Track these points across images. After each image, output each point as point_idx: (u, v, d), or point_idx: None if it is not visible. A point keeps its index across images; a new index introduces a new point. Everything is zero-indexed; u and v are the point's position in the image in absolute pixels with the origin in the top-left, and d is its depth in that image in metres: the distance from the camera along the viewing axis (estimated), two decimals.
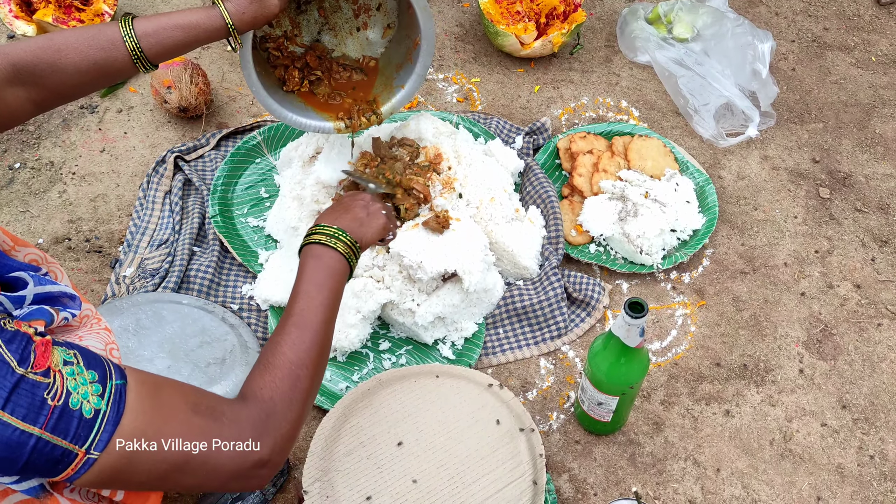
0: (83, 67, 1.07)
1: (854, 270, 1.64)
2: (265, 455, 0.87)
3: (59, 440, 0.74)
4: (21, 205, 1.68)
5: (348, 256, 1.07)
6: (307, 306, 0.99)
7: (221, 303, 1.54)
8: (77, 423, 0.75)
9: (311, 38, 1.52)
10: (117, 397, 0.78)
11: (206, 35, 1.17)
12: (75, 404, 0.75)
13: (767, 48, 1.92)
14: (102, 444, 0.76)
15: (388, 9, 1.52)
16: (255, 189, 1.71)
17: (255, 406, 0.88)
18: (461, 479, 1.22)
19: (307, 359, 0.95)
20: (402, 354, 1.49)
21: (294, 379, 0.92)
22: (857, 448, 1.39)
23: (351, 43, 1.55)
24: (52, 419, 0.74)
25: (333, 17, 1.52)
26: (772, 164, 1.84)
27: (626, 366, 1.22)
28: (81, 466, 0.76)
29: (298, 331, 0.97)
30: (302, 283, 1.02)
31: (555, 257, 1.58)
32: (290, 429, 0.90)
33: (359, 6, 1.51)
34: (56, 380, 0.75)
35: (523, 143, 1.79)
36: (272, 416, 0.89)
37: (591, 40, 2.11)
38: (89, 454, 0.76)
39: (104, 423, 0.77)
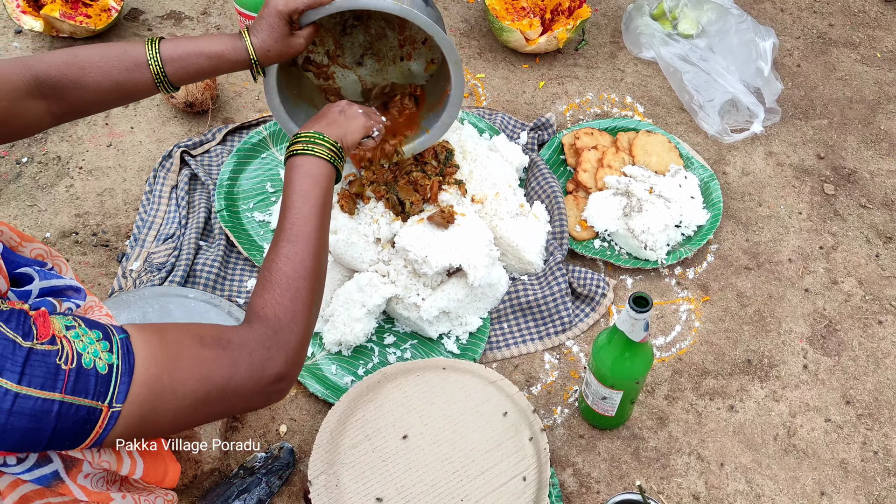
0: (105, 86, 1.09)
1: (858, 267, 1.65)
2: (280, 368, 0.89)
3: (81, 399, 0.76)
4: (28, 199, 1.69)
5: (331, 158, 1.07)
6: (296, 219, 1.00)
7: (227, 297, 1.55)
8: (94, 380, 0.77)
9: (354, 59, 1.52)
10: (125, 349, 0.80)
11: (229, 66, 1.18)
12: (88, 363, 0.77)
13: (769, 45, 1.92)
14: (122, 396, 0.78)
15: (434, 44, 1.50)
16: (260, 184, 1.71)
17: (261, 325, 0.91)
18: (466, 473, 1.23)
19: (303, 270, 0.96)
20: (406, 349, 1.50)
21: (294, 292, 0.94)
22: (861, 443, 1.40)
23: (393, 71, 1.55)
24: (70, 381, 0.75)
25: (378, 44, 1.51)
26: (776, 160, 1.84)
27: (631, 360, 1.23)
28: (108, 422, 0.78)
29: (290, 244, 0.98)
30: (288, 196, 1.03)
31: (559, 252, 1.59)
32: (298, 340, 0.93)
33: (404, 37, 1.51)
34: (63, 345, 0.77)
35: (528, 139, 1.79)
36: (279, 331, 0.91)
37: (596, 36, 2.11)
38: (112, 407, 0.78)
39: (120, 375, 0.78)
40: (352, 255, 1.48)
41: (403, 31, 1.50)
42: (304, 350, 0.95)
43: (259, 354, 0.89)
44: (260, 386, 0.88)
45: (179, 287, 1.51)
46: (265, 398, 0.90)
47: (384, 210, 1.50)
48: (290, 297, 0.94)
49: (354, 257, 1.47)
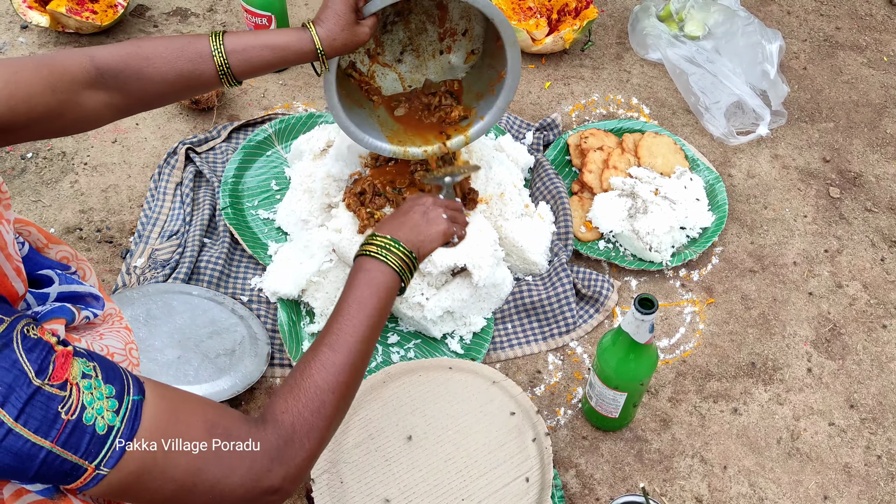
0: (169, 78, 1.07)
1: (863, 270, 1.64)
2: (276, 483, 0.85)
3: (70, 455, 0.73)
4: (33, 194, 1.69)
5: (400, 270, 1.02)
6: (344, 326, 0.95)
7: (231, 294, 1.55)
8: (89, 438, 0.74)
9: (394, 57, 1.50)
10: (133, 414, 0.77)
11: (294, 57, 1.14)
12: (89, 419, 0.74)
13: (776, 48, 1.92)
14: (113, 461, 0.75)
15: (473, 35, 1.50)
16: (265, 181, 1.71)
17: (274, 432, 0.86)
18: (469, 473, 1.23)
19: (335, 383, 0.91)
20: (410, 348, 1.50)
21: (319, 404, 0.89)
22: (865, 448, 1.39)
23: (433, 66, 1.53)
24: (65, 433, 0.73)
25: (418, 39, 1.49)
26: (782, 162, 1.83)
27: (635, 362, 1.23)
28: (90, 481, 0.75)
29: (331, 352, 0.93)
30: (344, 299, 0.98)
31: (564, 253, 1.58)
32: (306, 457, 0.88)
33: (445, 30, 1.49)
34: (72, 393, 0.74)
35: (533, 139, 1.79)
36: (290, 443, 0.86)
37: (603, 37, 2.11)
38: (98, 470, 0.75)
39: (116, 439, 0.75)
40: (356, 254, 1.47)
41: (444, 24, 1.48)
42: (309, 466, 0.89)
43: (260, 464, 0.84)
44: (250, 494, 0.84)
45: (183, 284, 1.51)
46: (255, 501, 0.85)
47: (389, 209, 1.50)
48: (313, 410, 0.89)
49: None
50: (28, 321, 0.76)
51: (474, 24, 1.49)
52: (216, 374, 1.36)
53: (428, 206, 1.15)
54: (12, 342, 0.73)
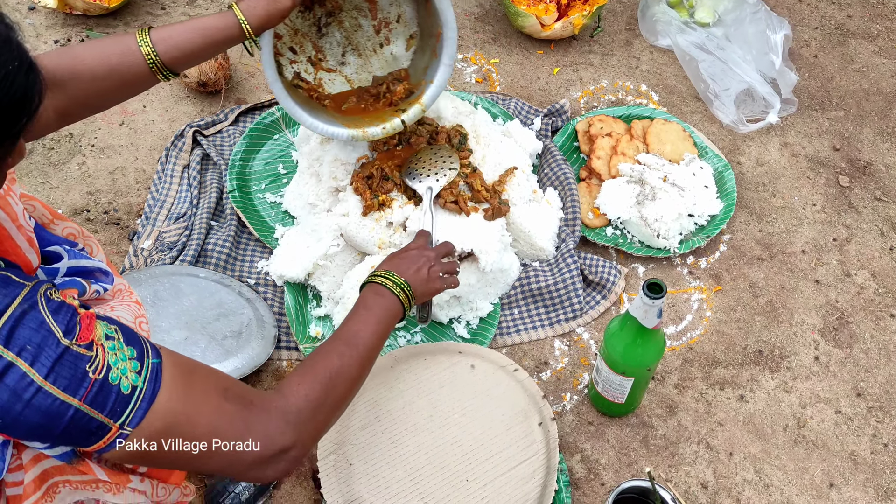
0: (100, 73, 1.08)
1: (872, 259, 1.64)
2: (289, 444, 0.89)
3: (96, 413, 0.75)
4: (41, 176, 1.69)
5: (406, 306, 1.15)
6: (362, 329, 1.05)
7: (238, 277, 1.55)
8: (115, 397, 0.77)
9: (337, 60, 1.50)
10: (153, 375, 0.80)
11: (221, 35, 1.16)
12: (114, 379, 0.77)
13: (780, 38, 1.91)
14: (136, 421, 0.78)
15: (407, 19, 1.50)
16: (272, 165, 1.71)
17: (287, 399, 0.91)
18: (475, 456, 1.23)
19: (347, 372, 0.99)
20: (417, 332, 1.49)
21: (331, 386, 0.96)
22: (871, 436, 1.39)
23: (377, 62, 1.53)
24: (92, 392, 0.75)
25: (355, 37, 1.50)
26: (791, 150, 1.82)
27: (643, 347, 1.23)
28: (113, 440, 0.78)
29: (346, 346, 1.02)
30: (359, 308, 1.09)
31: (571, 239, 1.58)
32: (315, 428, 0.94)
33: (378, 21, 1.49)
34: (98, 353, 0.77)
35: (542, 125, 1.78)
36: (301, 412, 0.91)
37: (612, 23, 2.10)
38: (122, 429, 0.78)
39: (140, 401, 0.78)
40: (363, 238, 1.47)
41: (376, 15, 1.48)
42: (315, 440, 0.96)
43: (275, 424, 0.89)
44: (266, 455, 0.88)
45: (190, 266, 1.51)
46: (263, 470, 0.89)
47: (397, 193, 1.50)
48: (326, 389, 0.95)
49: (366, 240, 1.47)
50: (49, 285, 0.78)
51: (404, 6, 1.48)
52: (223, 356, 1.36)
53: (432, 261, 1.24)
54: (37, 304, 0.75)
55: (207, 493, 1.28)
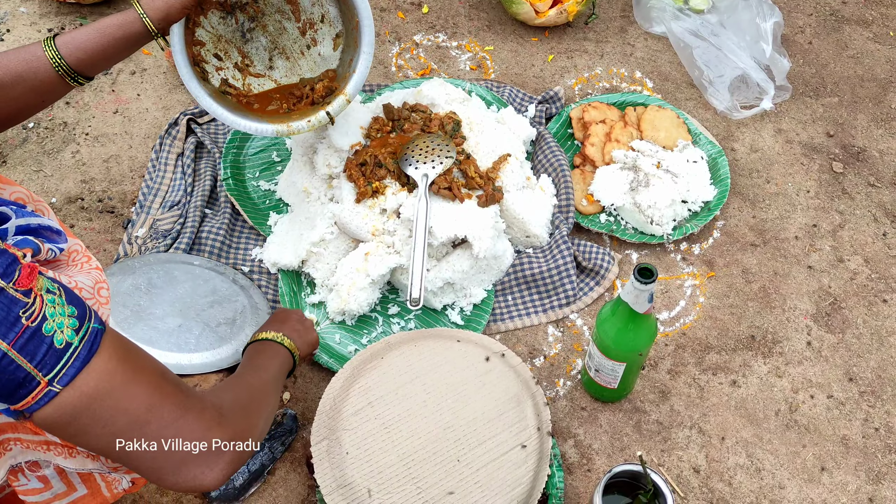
0: (7, 81, 1.07)
1: (865, 245, 1.64)
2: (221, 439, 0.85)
3: (24, 362, 0.73)
4: (34, 164, 1.69)
5: (294, 357, 1.20)
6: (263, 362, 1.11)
7: (232, 265, 1.55)
8: (46, 349, 0.74)
9: (265, 65, 1.50)
10: (92, 338, 0.78)
11: (122, 33, 1.15)
12: (48, 330, 0.74)
13: (770, 25, 1.90)
14: (67, 379, 0.75)
15: (331, 18, 1.50)
16: (266, 153, 1.71)
17: (217, 399, 0.92)
18: (467, 441, 1.24)
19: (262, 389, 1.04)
20: (410, 319, 1.50)
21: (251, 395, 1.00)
22: (863, 420, 1.40)
23: (305, 64, 1.53)
24: (22, 338, 0.73)
25: (281, 40, 1.50)
26: (785, 137, 1.82)
27: (634, 332, 1.23)
28: (42, 397, 0.75)
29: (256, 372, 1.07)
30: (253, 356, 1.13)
31: (565, 226, 1.58)
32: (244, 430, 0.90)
33: (303, 23, 1.49)
34: (35, 302, 0.75)
35: (536, 112, 1.78)
36: (232, 409, 0.92)
37: (607, 10, 2.10)
38: (51, 385, 0.75)
39: (73, 359, 0.76)
40: (357, 225, 1.47)
41: (299, 17, 1.48)
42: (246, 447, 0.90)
43: (210, 413, 0.86)
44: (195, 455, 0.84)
45: (185, 254, 1.52)
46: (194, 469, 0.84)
47: (390, 181, 1.50)
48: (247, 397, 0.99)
49: (360, 227, 1.47)
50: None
51: (327, 6, 1.49)
52: (217, 343, 1.36)
53: (301, 316, 1.30)
54: None
55: None
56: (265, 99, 1.49)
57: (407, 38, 2.00)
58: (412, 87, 1.70)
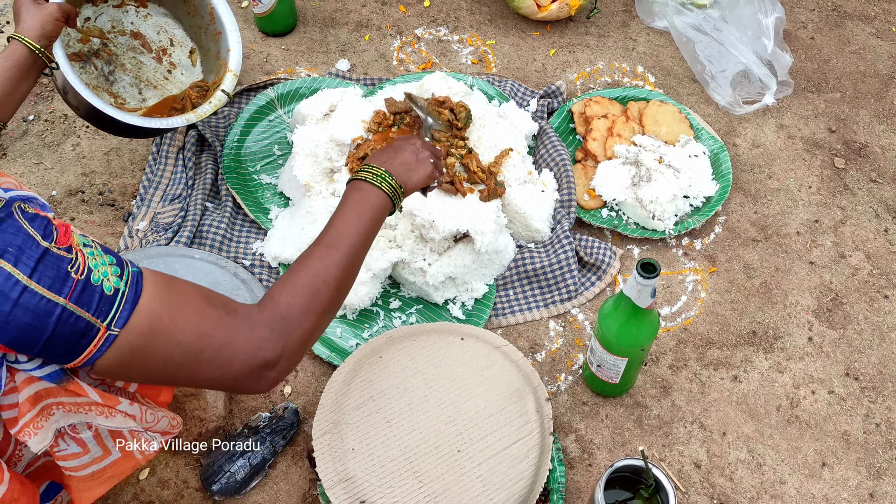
0: None
1: (866, 241, 1.64)
2: (275, 355, 0.89)
3: (83, 312, 0.78)
4: (35, 157, 1.69)
5: (392, 195, 1.09)
6: (341, 229, 1.01)
7: (233, 258, 1.55)
8: (99, 297, 0.79)
9: (137, 100, 1.56)
10: (135, 280, 0.83)
11: (10, 63, 1.21)
12: (97, 280, 0.79)
13: (772, 21, 1.90)
14: (122, 321, 0.80)
15: (179, 39, 1.59)
16: (268, 146, 1.71)
17: (270, 308, 0.91)
18: (469, 436, 1.24)
19: (331, 275, 0.96)
20: (412, 313, 1.50)
21: (314, 291, 0.94)
22: (864, 416, 1.40)
23: (173, 87, 1.59)
24: (77, 291, 0.77)
25: (142, 73, 1.56)
26: (787, 132, 1.82)
27: (636, 327, 1.23)
28: (103, 343, 0.80)
29: (327, 249, 0.98)
30: (340, 209, 1.04)
31: (567, 221, 1.58)
32: (301, 336, 0.92)
33: (156, 52, 1.57)
34: (78, 257, 0.79)
35: (538, 107, 1.78)
36: (286, 320, 0.91)
37: (609, 5, 2.09)
38: (110, 330, 0.79)
39: (124, 301, 0.81)
40: None
41: (150, 48, 1.56)
42: (303, 349, 0.94)
43: (260, 332, 0.89)
44: (251, 365, 0.88)
45: (185, 247, 1.51)
46: (252, 381, 0.89)
47: None
48: (309, 294, 0.94)
49: None
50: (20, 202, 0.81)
51: (171, 30, 1.59)
52: None
53: (418, 147, 1.19)
54: (13, 214, 0.78)
55: (203, 472, 1.28)
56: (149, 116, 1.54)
57: (408, 32, 1.99)
58: (414, 81, 1.70)
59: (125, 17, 1.55)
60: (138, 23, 1.57)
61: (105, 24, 1.53)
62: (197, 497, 1.28)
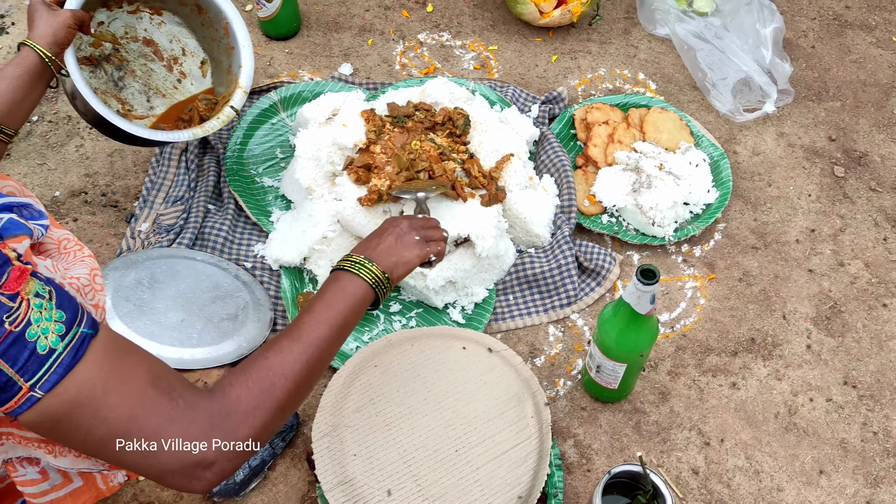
0: None
1: (865, 249, 1.65)
2: (211, 456, 0.81)
3: (6, 367, 0.73)
4: (38, 157, 1.69)
5: (374, 284, 1.04)
6: (308, 321, 0.96)
7: (235, 260, 1.55)
8: (28, 355, 0.74)
9: (145, 107, 1.56)
10: (78, 344, 0.77)
11: (21, 70, 1.21)
12: (32, 336, 0.74)
13: (770, 31, 1.91)
14: (49, 385, 0.75)
15: (192, 49, 1.60)
16: (270, 149, 1.71)
17: (218, 400, 0.84)
18: (468, 440, 1.24)
19: (289, 369, 0.90)
20: (412, 317, 1.50)
21: (269, 384, 0.87)
22: (862, 424, 1.40)
23: (181, 96, 1.60)
24: (5, 343, 0.72)
25: (152, 81, 1.57)
26: (787, 140, 1.83)
27: (636, 333, 1.23)
28: (23, 402, 0.74)
29: (289, 341, 0.93)
30: (313, 301, 1.00)
31: (567, 226, 1.59)
32: (248, 433, 0.84)
33: (167, 61, 1.57)
34: (21, 306, 0.74)
35: (539, 112, 1.78)
36: (232, 414, 0.84)
37: (611, 11, 2.10)
38: (33, 391, 0.74)
39: (56, 365, 0.75)
40: (360, 223, 1.48)
41: (162, 57, 1.56)
42: (250, 448, 0.85)
43: (199, 428, 0.81)
44: (183, 462, 0.80)
45: (188, 249, 1.52)
46: (183, 478, 0.82)
47: None
48: (262, 388, 0.87)
49: (363, 225, 1.48)
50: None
51: (185, 40, 1.59)
52: (219, 338, 1.37)
53: (403, 229, 1.15)
54: None
55: None
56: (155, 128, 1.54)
57: (411, 37, 2.00)
58: (416, 86, 1.70)
59: (139, 24, 1.56)
60: (152, 30, 1.57)
61: (118, 29, 1.54)
62: (196, 498, 1.28)
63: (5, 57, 1.88)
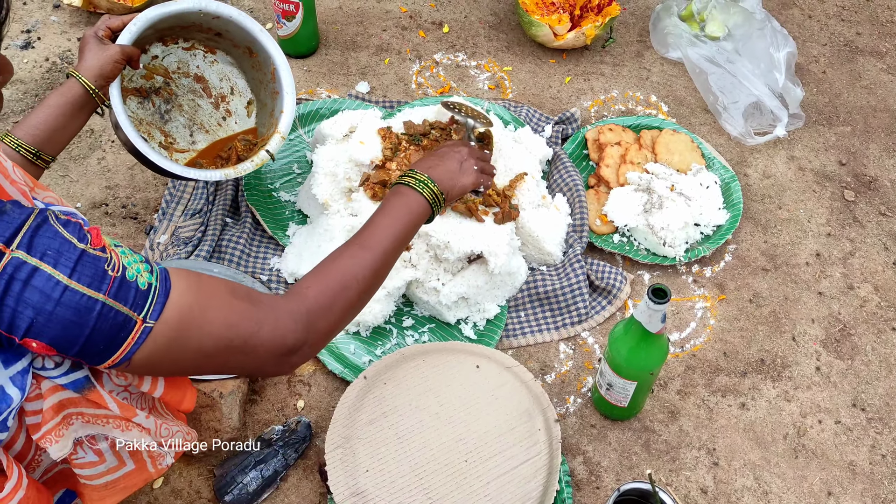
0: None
1: (875, 273, 1.66)
2: (298, 343, 0.95)
3: (121, 306, 0.82)
4: (61, 169, 1.73)
5: (432, 202, 1.14)
6: (378, 231, 1.07)
7: (251, 273, 1.58)
8: (134, 292, 0.83)
9: (187, 141, 1.60)
10: (164, 276, 0.88)
11: (65, 100, 1.26)
12: (131, 276, 0.84)
13: (783, 56, 1.93)
14: (157, 313, 0.85)
15: (240, 89, 1.63)
16: (288, 164, 1.74)
17: (296, 300, 0.96)
18: (478, 454, 1.25)
19: (361, 274, 1.02)
20: (424, 332, 1.52)
21: (342, 288, 1.00)
22: (870, 447, 1.41)
23: (223, 134, 1.63)
24: (114, 287, 0.82)
25: (197, 116, 1.60)
26: (798, 164, 1.85)
27: (646, 351, 1.25)
28: (141, 335, 0.84)
29: (360, 248, 1.04)
30: (378, 212, 1.10)
31: (579, 245, 1.61)
32: (326, 328, 0.98)
33: (215, 98, 1.61)
34: (112, 256, 0.84)
35: (552, 132, 1.81)
36: (311, 312, 0.96)
37: (624, 34, 2.13)
38: (146, 322, 0.84)
39: (157, 295, 0.85)
40: None
41: (210, 94, 1.60)
42: (326, 340, 1.00)
43: (284, 322, 0.94)
44: (276, 352, 0.94)
45: (205, 261, 1.54)
46: (275, 365, 0.96)
47: None
48: (337, 289, 0.99)
49: None
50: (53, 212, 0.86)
51: (234, 79, 1.62)
52: None
53: (464, 155, 1.26)
54: (49, 219, 0.83)
55: (216, 483, 1.30)
56: (193, 164, 1.58)
57: (427, 57, 2.04)
58: (432, 105, 1.73)
59: (192, 60, 1.59)
60: (204, 67, 1.60)
61: (171, 63, 1.57)
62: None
63: (30, 71, 1.92)
